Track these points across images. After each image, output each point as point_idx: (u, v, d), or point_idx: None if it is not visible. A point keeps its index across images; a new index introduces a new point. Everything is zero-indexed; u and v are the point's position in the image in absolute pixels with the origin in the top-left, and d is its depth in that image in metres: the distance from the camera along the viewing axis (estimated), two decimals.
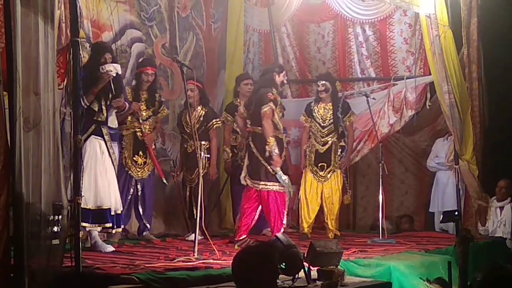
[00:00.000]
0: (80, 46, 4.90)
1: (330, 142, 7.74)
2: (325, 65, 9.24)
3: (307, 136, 7.97)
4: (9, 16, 4.53)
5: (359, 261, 5.94)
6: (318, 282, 4.90)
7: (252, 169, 6.89)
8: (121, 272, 4.95)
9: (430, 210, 8.68)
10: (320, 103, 7.87)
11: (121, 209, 6.50)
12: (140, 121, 7.14)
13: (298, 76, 9.44)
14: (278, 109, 6.92)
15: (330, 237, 7.58)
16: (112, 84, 6.32)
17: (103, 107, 6.36)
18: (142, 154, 7.17)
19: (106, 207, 6.24)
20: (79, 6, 4.97)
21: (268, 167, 6.78)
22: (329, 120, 7.76)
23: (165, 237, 7.53)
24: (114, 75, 6.29)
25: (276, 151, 6.73)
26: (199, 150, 6.50)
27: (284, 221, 6.97)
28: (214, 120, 7.59)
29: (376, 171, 7.75)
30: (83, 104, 6.12)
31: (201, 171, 6.44)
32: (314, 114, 7.86)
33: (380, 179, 7.58)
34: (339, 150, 7.77)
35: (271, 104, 6.82)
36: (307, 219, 7.82)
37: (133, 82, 7.36)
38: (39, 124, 4.58)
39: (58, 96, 4.80)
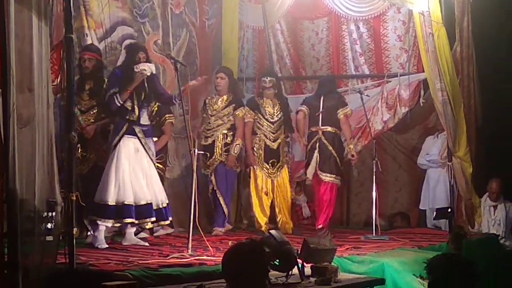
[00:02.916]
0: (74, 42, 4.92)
1: (280, 138, 7.78)
2: (319, 62, 9.25)
3: (251, 131, 7.80)
4: (2, 12, 4.52)
5: (352, 258, 5.96)
6: (312, 279, 4.90)
7: (323, 163, 7.65)
8: (115, 269, 4.96)
9: (420, 208, 8.70)
10: (264, 98, 7.82)
11: (166, 202, 6.62)
12: (79, 112, 6.68)
13: (292, 73, 9.44)
14: None
15: (288, 230, 7.67)
16: (146, 83, 6.47)
17: (135, 107, 6.49)
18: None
19: (145, 203, 6.41)
20: (72, 2, 4.97)
21: (338, 161, 7.65)
22: (277, 116, 7.76)
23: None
24: (149, 74, 6.44)
25: (357, 150, 7.85)
26: (192, 146, 6.51)
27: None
28: (167, 115, 7.48)
29: (370, 168, 7.76)
30: (117, 102, 6.29)
31: (194, 167, 6.43)
32: (261, 109, 7.78)
33: (374, 176, 7.59)
34: (285, 146, 7.87)
35: (349, 106, 7.75)
36: (262, 216, 7.81)
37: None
38: (33, 120, 4.57)
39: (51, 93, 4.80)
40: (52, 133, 4.74)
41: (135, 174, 6.43)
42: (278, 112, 7.77)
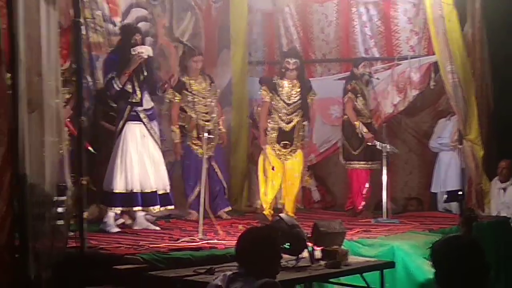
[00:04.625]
0: (85, 26, 4.91)
1: (295, 121, 7.49)
2: (329, 45, 9.19)
3: (266, 112, 7.56)
4: None
5: (362, 241, 5.95)
6: (322, 262, 4.91)
7: (344, 151, 8.00)
8: (125, 253, 4.98)
9: (432, 191, 8.66)
10: (284, 79, 7.51)
11: (168, 188, 6.59)
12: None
13: (302, 56, 9.37)
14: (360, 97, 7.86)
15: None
16: (144, 66, 6.42)
17: (137, 88, 6.43)
18: None
19: (151, 190, 6.41)
20: None
21: (349, 147, 7.89)
22: (295, 97, 7.48)
23: (168, 218, 7.51)
24: (146, 56, 6.38)
25: (364, 130, 7.75)
26: (202, 131, 6.51)
27: (364, 195, 7.94)
28: None
29: (380, 151, 7.73)
30: (116, 86, 6.24)
31: (204, 151, 6.42)
32: (278, 90, 7.49)
33: (384, 160, 7.56)
34: (302, 130, 7.56)
35: (348, 94, 7.83)
36: (265, 199, 7.56)
37: None
38: (42, 105, 4.58)
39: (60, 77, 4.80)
40: (62, 118, 4.75)
41: (142, 161, 6.41)
42: (297, 94, 7.49)
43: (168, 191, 6.63)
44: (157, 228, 6.59)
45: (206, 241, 5.67)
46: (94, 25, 7.18)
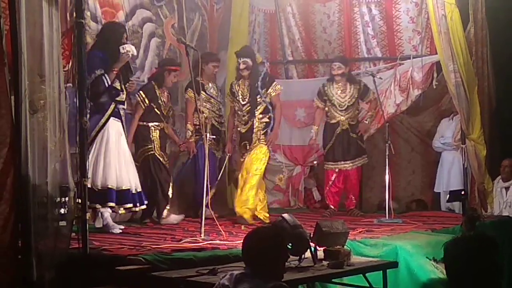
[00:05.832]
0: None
1: (251, 120, 7.32)
2: (331, 45, 9.19)
3: (233, 118, 7.58)
4: None
5: (365, 241, 5.93)
6: (325, 262, 4.90)
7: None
8: (128, 253, 4.98)
9: (435, 190, 8.66)
10: (241, 80, 7.41)
11: (139, 188, 6.52)
12: None
13: (304, 56, 9.39)
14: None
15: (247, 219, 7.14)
16: (129, 65, 6.44)
17: (123, 87, 6.45)
18: None
19: (126, 188, 6.34)
20: None
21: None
22: (249, 97, 7.34)
23: None
24: (131, 55, 6.39)
25: (312, 135, 8.10)
26: (204, 131, 6.52)
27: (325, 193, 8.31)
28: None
29: (383, 151, 7.73)
30: (105, 83, 6.20)
31: (206, 151, 6.42)
32: (235, 92, 7.45)
33: (387, 159, 7.56)
34: (263, 126, 7.32)
35: (315, 98, 8.13)
36: (247, 205, 7.31)
37: None
38: (44, 106, 4.59)
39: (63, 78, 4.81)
40: (64, 119, 4.76)
41: (118, 158, 6.33)
42: (250, 93, 7.34)
43: (138, 191, 6.49)
44: (119, 231, 6.29)
45: (209, 242, 5.67)
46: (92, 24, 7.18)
